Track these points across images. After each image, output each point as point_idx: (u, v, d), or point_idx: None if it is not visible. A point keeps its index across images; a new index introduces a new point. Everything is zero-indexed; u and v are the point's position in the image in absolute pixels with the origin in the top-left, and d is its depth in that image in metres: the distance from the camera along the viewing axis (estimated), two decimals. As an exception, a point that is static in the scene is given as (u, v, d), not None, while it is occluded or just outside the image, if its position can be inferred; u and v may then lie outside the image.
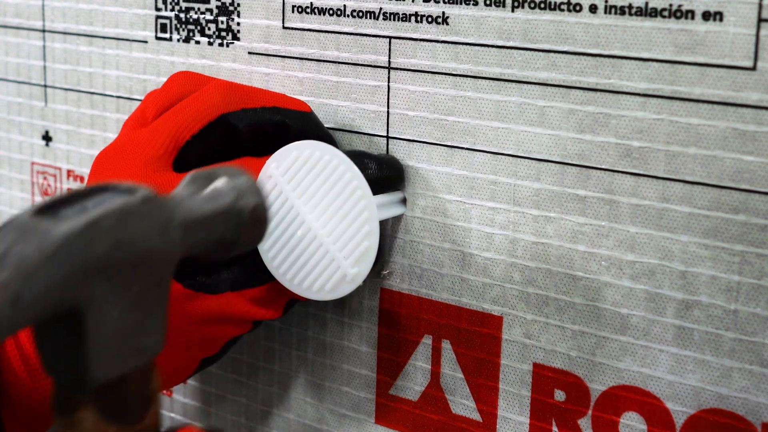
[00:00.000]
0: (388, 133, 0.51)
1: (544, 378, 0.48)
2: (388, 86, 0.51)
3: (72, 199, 0.34)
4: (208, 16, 0.57)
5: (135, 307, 0.34)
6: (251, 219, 0.39)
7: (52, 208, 0.33)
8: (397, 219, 0.51)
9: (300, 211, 0.47)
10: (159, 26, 0.60)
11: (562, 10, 0.45)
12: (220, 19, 0.57)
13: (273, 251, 0.48)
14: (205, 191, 0.38)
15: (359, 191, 0.46)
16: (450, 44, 0.48)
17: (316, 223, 0.46)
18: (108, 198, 0.34)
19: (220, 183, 0.39)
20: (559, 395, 0.47)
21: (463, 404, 0.50)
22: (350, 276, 0.46)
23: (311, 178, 0.47)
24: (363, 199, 0.46)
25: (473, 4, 0.47)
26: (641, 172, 0.44)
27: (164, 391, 0.64)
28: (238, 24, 0.56)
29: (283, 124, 0.50)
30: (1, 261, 0.31)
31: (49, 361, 0.35)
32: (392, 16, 0.50)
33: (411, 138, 0.50)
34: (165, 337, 0.36)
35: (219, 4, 0.57)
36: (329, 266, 0.46)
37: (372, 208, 0.46)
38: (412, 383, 0.52)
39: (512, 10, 0.46)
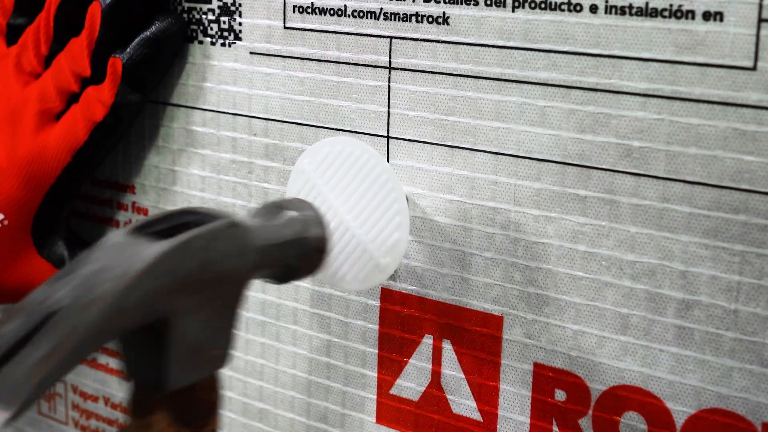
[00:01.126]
0: (388, 133, 0.51)
1: (544, 378, 0.48)
2: (389, 86, 0.51)
3: (162, 219, 0.39)
4: (211, 16, 0.57)
5: (212, 322, 0.38)
6: (316, 248, 0.44)
7: (144, 228, 0.38)
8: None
9: (332, 205, 0.48)
10: (161, 26, 0.60)
11: (563, 10, 0.45)
12: (222, 19, 0.57)
13: None
14: (278, 220, 0.43)
15: (389, 184, 0.47)
16: (450, 44, 0.48)
17: (348, 216, 0.48)
18: (195, 221, 0.38)
19: (291, 214, 0.44)
20: (560, 395, 0.47)
21: (464, 404, 0.50)
22: (382, 266, 0.47)
23: (342, 173, 0.48)
24: (393, 192, 0.47)
25: (474, 5, 0.47)
26: (642, 172, 0.44)
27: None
28: (240, 24, 0.56)
29: None
30: (101, 275, 0.35)
31: (132, 366, 0.38)
32: (393, 16, 0.50)
33: (411, 138, 0.50)
34: (232, 350, 0.40)
35: (221, 4, 0.57)
36: (362, 257, 0.48)
37: (402, 200, 0.47)
38: (413, 383, 0.52)
39: (513, 11, 0.46)
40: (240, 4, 0.56)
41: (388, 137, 0.51)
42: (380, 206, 0.47)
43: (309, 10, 0.53)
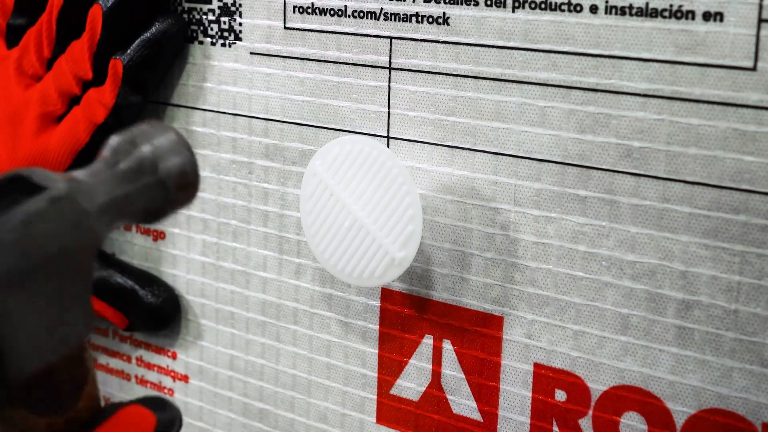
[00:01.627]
0: (388, 133, 0.51)
1: (544, 378, 0.48)
2: (389, 86, 0.51)
3: None
4: (211, 17, 0.57)
5: (54, 303, 0.33)
6: (178, 184, 0.37)
7: None
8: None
9: (345, 204, 0.49)
10: (161, 26, 0.60)
11: (563, 11, 0.45)
12: (223, 19, 0.57)
13: (322, 245, 0.50)
14: (125, 162, 0.36)
15: (400, 178, 0.48)
16: (451, 44, 0.48)
17: (361, 213, 0.48)
18: (7, 204, 0.32)
19: (141, 149, 0.36)
20: (560, 395, 0.47)
21: (464, 404, 0.51)
22: (398, 260, 0.48)
23: (354, 171, 0.49)
24: (405, 185, 0.47)
25: (474, 5, 0.47)
26: (642, 172, 0.44)
27: (167, 391, 0.64)
28: (240, 24, 0.56)
29: None
30: None
31: None
32: (393, 16, 0.50)
33: (412, 138, 0.50)
34: (91, 320, 0.35)
35: (221, 4, 0.57)
36: (377, 252, 0.48)
37: (414, 193, 0.47)
38: (413, 383, 0.52)
39: (513, 11, 0.46)
40: (240, 5, 0.56)
41: (388, 137, 0.51)
42: (392, 200, 0.48)
43: (309, 11, 0.53)
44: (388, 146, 0.51)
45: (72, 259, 0.34)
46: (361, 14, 0.51)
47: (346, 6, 0.52)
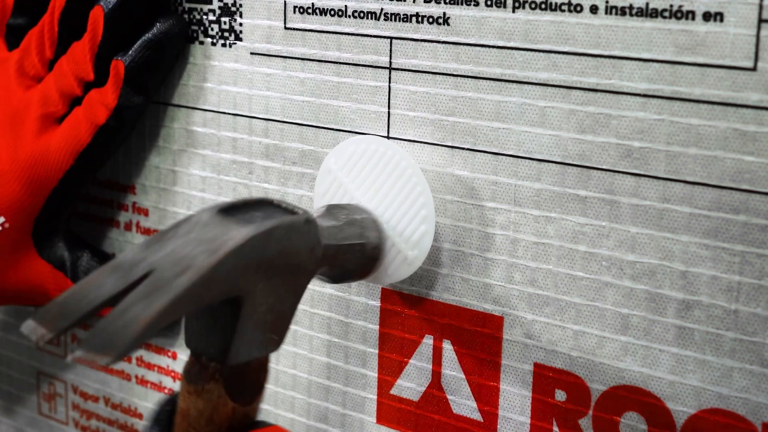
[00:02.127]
0: (388, 133, 0.51)
1: (544, 378, 0.48)
2: (389, 87, 0.51)
3: (244, 206, 0.42)
4: (211, 17, 0.57)
5: (277, 307, 0.41)
6: (371, 255, 0.47)
7: (229, 210, 0.41)
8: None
9: (359, 202, 0.49)
10: (161, 27, 0.60)
11: (563, 11, 0.45)
12: (223, 19, 0.57)
13: None
14: (340, 221, 0.46)
15: (414, 178, 0.48)
16: (451, 45, 0.48)
17: (375, 212, 0.49)
18: (274, 212, 0.42)
19: (352, 216, 0.47)
20: (560, 395, 0.47)
21: (464, 404, 0.51)
22: (410, 258, 0.48)
23: (368, 170, 0.49)
24: (418, 186, 0.48)
25: (474, 5, 0.47)
26: (642, 172, 0.44)
27: (167, 391, 0.64)
28: (241, 24, 0.56)
29: None
30: (196, 246, 0.38)
31: (198, 336, 0.41)
32: (393, 16, 0.50)
33: (412, 138, 0.50)
34: (285, 336, 0.43)
35: (221, 4, 0.57)
36: (390, 251, 0.49)
37: (427, 194, 0.48)
38: (413, 383, 0.52)
39: (513, 11, 0.46)
40: (240, 5, 0.56)
41: (388, 138, 0.51)
42: (406, 200, 0.48)
43: (309, 11, 0.53)
44: (388, 146, 0.51)
45: (300, 276, 0.42)
46: (362, 14, 0.51)
47: (346, 6, 0.52)
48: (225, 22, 0.57)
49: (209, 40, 0.58)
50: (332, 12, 0.52)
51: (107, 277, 0.39)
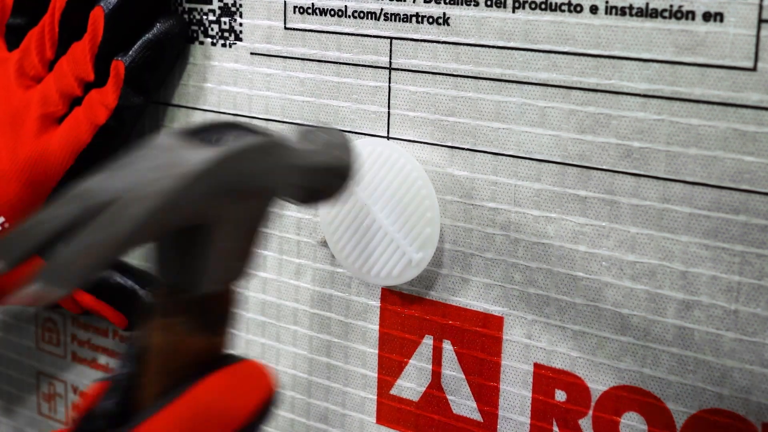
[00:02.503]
0: (388, 133, 0.51)
1: (544, 378, 0.48)
2: (389, 87, 0.51)
3: (209, 128, 0.40)
4: (211, 17, 0.57)
5: (243, 233, 0.39)
6: (341, 174, 0.43)
7: (194, 133, 0.39)
8: (399, 219, 0.51)
9: (365, 204, 0.50)
10: (161, 27, 0.60)
11: (563, 11, 0.45)
12: (223, 19, 0.57)
13: (341, 243, 0.51)
14: (312, 144, 0.43)
15: (419, 181, 0.49)
16: (451, 45, 0.48)
17: (380, 214, 0.49)
18: (244, 134, 0.39)
19: (323, 137, 0.43)
20: (560, 395, 0.47)
21: (464, 404, 0.51)
22: (415, 261, 0.49)
23: (374, 173, 0.50)
24: (423, 188, 0.49)
25: (474, 5, 0.47)
26: (642, 172, 0.44)
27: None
28: (241, 25, 0.56)
29: None
30: (157, 171, 0.36)
31: (166, 266, 0.39)
32: (393, 16, 0.50)
33: (412, 139, 0.50)
34: (253, 262, 0.40)
35: (221, 5, 0.57)
36: (395, 253, 0.49)
37: (433, 197, 0.48)
38: (413, 383, 0.52)
39: (513, 11, 0.46)
40: (240, 5, 0.56)
41: (388, 138, 0.51)
42: (411, 203, 0.49)
43: (309, 11, 0.53)
44: (388, 146, 0.51)
45: (269, 199, 0.40)
46: (361, 14, 0.51)
47: (346, 6, 0.52)
48: (225, 23, 0.57)
49: (209, 40, 0.58)
50: (332, 12, 0.52)
51: (65, 207, 0.36)
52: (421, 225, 0.49)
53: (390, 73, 0.51)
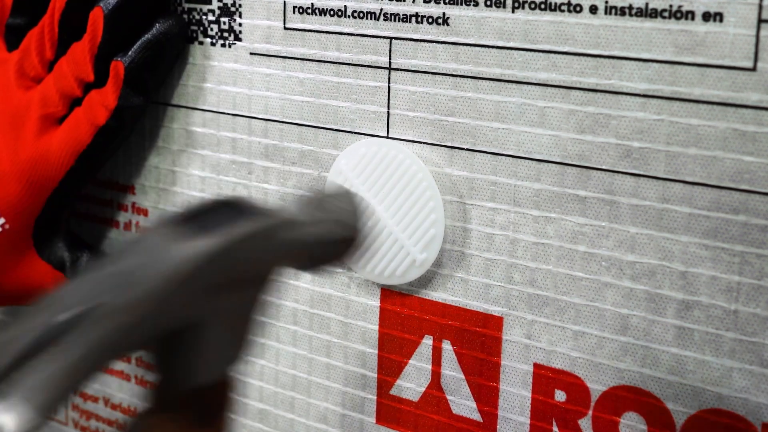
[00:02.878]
0: (388, 133, 0.51)
1: (544, 378, 0.48)
2: (389, 87, 0.51)
3: (208, 211, 0.37)
4: (211, 17, 0.57)
5: (241, 322, 0.37)
6: (347, 242, 0.42)
7: (184, 221, 0.36)
8: (398, 219, 0.51)
9: (370, 203, 0.50)
10: (161, 27, 0.60)
11: (563, 11, 0.45)
12: (222, 19, 0.57)
13: None
14: (319, 212, 0.41)
15: (425, 182, 0.49)
16: (450, 45, 0.48)
17: (385, 214, 0.50)
18: (241, 217, 0.36)
19: (331, 206, 0.41)
20: (560, 395, 0.47)
21: (464, 405, 0.51)
22: (419, 261, 0.49)
23: (379, 172, 0.50)
24: (428, 190, 0.49)
25: (473, 5, 0.47)
26: (641, 172, 0.44)
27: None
28: (240, 25, 0.56)
29: None
30: (143, 271, 0.33)
31: (158, 362, 0.37)
32: (393, 16, 0.50)
33: (411, 139, 0.50)
34: (247, 350, 0.39)
35: (221, 5, 0.57)
36: (399, 253, 0.50)
37: (437, 198, 0.49)
38: (413, 383, 0.52)
39: (512, 11, 0.46)
40: (240, 5, 0.56)
41: (388, 138, 0.51)
42: (416, 204, 0.49)
43: (309, 11, 0.53)
44: (387, 146, 0.51)
45: (262, 282, 0.38)
46: (361, 14, 0.51)
47: (346, 6, 0.52)
48: (224, 23, 0.57)
49: (209, 40, 0.58)
50: (332, 12, 0.52)
51: (45, 313, 0.33)
52: (425, 225, 0.49)
53: (389, 73, 0.51)
